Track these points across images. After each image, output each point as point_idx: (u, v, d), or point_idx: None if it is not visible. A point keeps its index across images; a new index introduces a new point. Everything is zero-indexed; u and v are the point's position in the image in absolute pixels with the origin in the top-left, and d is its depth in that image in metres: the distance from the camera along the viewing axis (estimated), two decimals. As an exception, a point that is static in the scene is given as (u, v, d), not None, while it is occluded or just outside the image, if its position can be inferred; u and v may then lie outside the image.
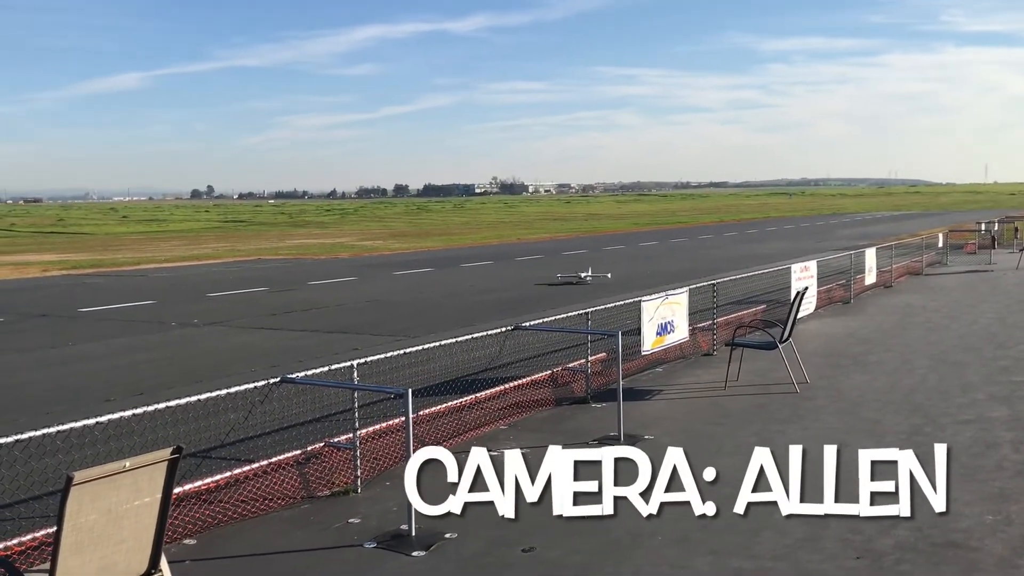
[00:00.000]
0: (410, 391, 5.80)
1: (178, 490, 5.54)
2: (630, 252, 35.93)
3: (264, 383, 6.24)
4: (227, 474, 6.48)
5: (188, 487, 6.06)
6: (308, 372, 6.70)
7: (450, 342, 7.91)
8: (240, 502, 6.18)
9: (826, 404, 9.06)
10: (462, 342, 8.04)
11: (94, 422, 5.10)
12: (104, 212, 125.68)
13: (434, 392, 8.61)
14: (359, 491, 6.64)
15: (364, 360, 6.88)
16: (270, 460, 6.79)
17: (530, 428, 8.40)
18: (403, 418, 8.01)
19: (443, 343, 7.85)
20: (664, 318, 10.49)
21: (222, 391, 5.91)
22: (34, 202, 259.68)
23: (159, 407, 5.50)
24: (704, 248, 38.18)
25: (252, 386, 6.13)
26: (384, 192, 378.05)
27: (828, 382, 10.09)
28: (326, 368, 6.81)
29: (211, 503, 6.06)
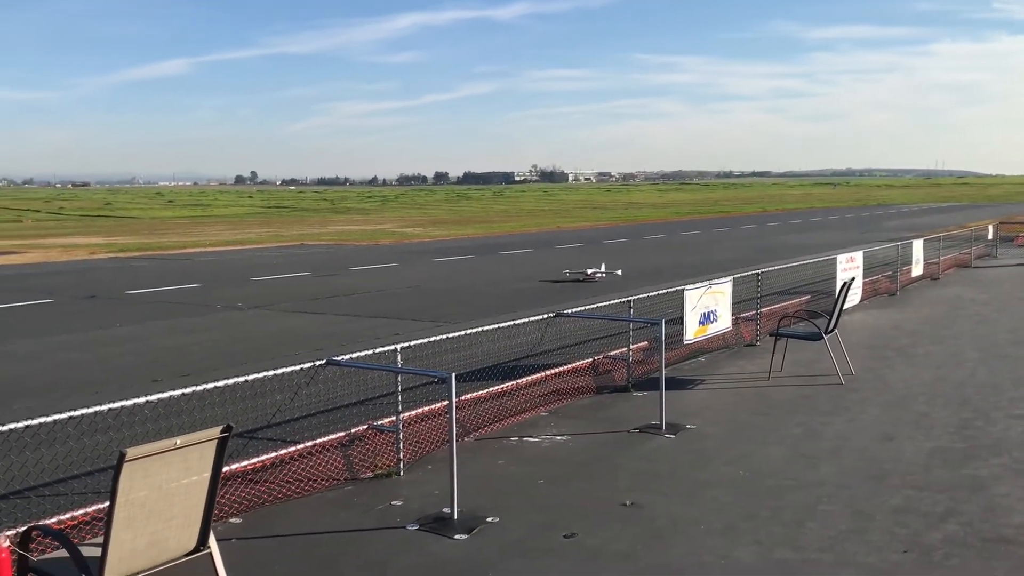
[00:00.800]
0: (453, 375, 5.81)
1: (224, 469, 5.62)
2: (665, 241, 35.68)
3: (310, 365, 6.30)
4: (272, 454, 6.56)
5: (235, 466, 6.15)
6: (353, 355, 6.75)
7: (492, 328, 7.92)
8: (285, 482, 6.25)
9: (872, 396, 8.92)
10: (504, 328, 8.04)
11: (144, 400, 5.18)
12: (150, 196, 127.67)
13: (475, 377, 8.63)
14: (401, 474, 6.68)
15: (408, 344, 6.92)
16: (315, 441, 6.86)
17: (571, 415, 8.39)
18: (444, 403, 8.09)
19: (485, 329, 7.86)
20: (707, 307, 10.41)
21: (269, 372, 5.97)
22: (82, 186, 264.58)
23: (207, 387, 5.58)
24: (746, 238, 37.78)
25: (298, 368, 6.19)
26: (424, 179, 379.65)
27: (874, 374, 9.94)
28: (371, 351, 6.85)
29: (257, 483, 6.14)
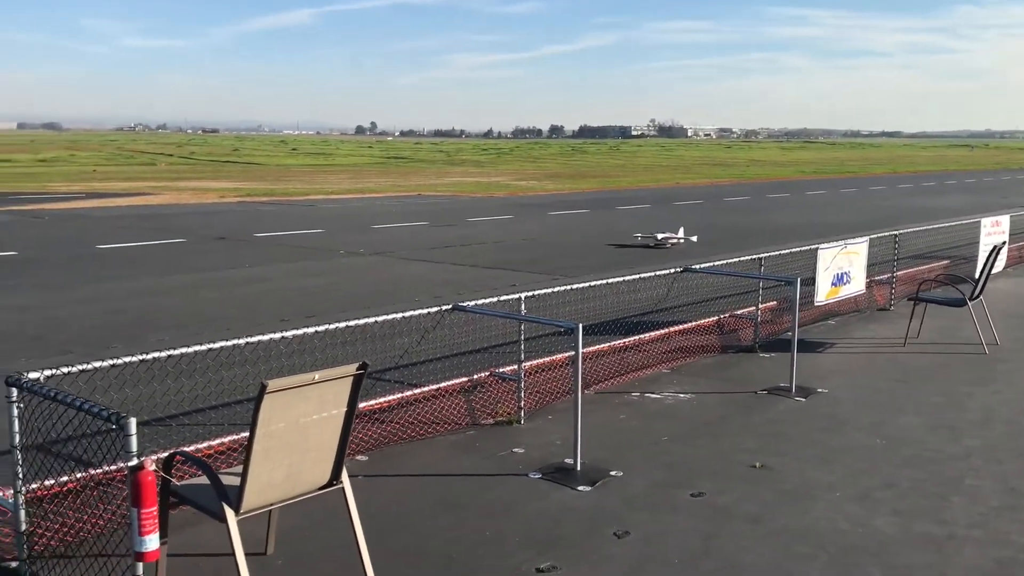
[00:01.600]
0: (580, 326, 5.70)
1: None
2: (791, 201, 34.45)
3: (436, 309, 6.30)
4: (398, 396, 6.63)
5: (361, 406, 6.22)
6: (477, 302, 6.72)
7: (617, 281, 7.75)
8: (408, 424, 6.32)
9: (1020, 367, 8.37)
10: (629, 281, 7.86)
11: (279, 336, 5.27)
12: (275, 144, 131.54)
13: (596, 331, 8.50)
14: (522, 422, 6.66)
15: (532, 293, 6.84)
16: (439, 385, 6.90)
17: (694, 373, 8.18)
18: (564, 354, 8.01)
19: (610, 281, 7.70)
20: (840, 268, 9.94)
21: (397, 315, 5.99)
22: (211, 132, 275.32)
23: (339, 326, 5.64)
24: (875, 199, 36.11)
25: (425, 311, 6.19)
26: (539, 133, 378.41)
27: (1023, 344, 9.33)
28: (495, 299, 6.81)
29: (382, 423, 6.22)
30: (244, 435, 5.65)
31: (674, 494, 5.27)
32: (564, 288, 7.38)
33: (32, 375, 4.16)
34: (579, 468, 5.64)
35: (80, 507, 4.59)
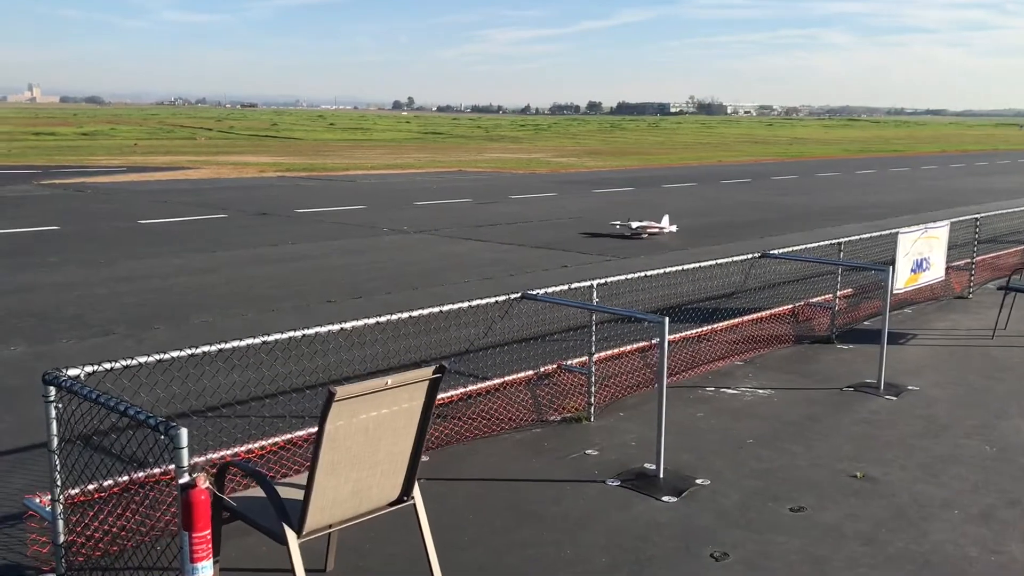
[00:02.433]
0: (667, 320, 5.19)
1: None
2: (840, 180, 33.44)
3: (504, 298, 5.81)
4: (460, 390, 6.17)
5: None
6: (547, 290, 6.21)
7: (692, 267, 7.20)
8: (471, 419, 5.85)
9: None
10: (704, 268, 7.30)
11: (338, 328, 4.81)
12: (312, 119, 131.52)
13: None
14: (592, 419, 6.17)
15: (604, 281, 6.33)
16: (503, 379, 6.42)
17: (770, 367, 7.63)
18: (633, 345, 7.51)
19: (686, 267, 7.16)
20: (920, 254, 9.30)
21: (464, 303, 5.51)
22: (250, 107, 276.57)
23: (401, 316, 5.17)
24: (928, 179, 34.96)
25: (492, 300, 5.71)
26: (577, 109, 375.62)
27: (1122, 340, 8.66)
28: (565, 287, 6.30)
29: (443, 418, 5.76)
30: (298, 434, 5.24)
31: (772, 508, 4.76)
32: (638, 275, 6.83)
33: (72, 372, 3.74)
34: (662, 475, 5.15)
35: (122, 513, 4.19)
